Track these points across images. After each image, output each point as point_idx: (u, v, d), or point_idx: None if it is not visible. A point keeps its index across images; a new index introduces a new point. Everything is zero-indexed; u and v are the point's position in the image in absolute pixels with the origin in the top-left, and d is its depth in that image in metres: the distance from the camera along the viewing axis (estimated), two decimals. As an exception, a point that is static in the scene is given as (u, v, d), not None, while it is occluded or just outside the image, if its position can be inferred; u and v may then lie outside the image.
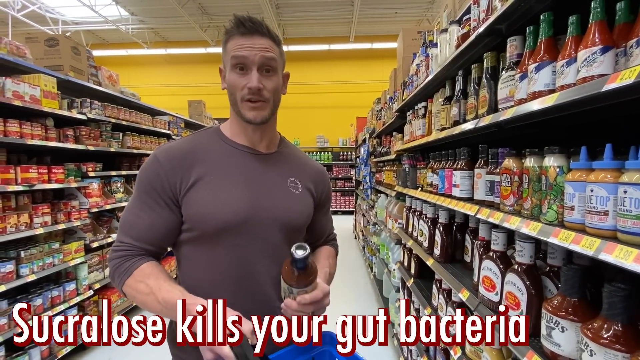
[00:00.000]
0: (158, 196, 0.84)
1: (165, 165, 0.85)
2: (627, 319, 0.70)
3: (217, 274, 0.87)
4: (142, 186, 0.86)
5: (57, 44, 2.90)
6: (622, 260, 0.61)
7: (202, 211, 0.84)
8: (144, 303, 0.80)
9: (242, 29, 0.83)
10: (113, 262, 0.84)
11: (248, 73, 0.84)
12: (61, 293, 2.67)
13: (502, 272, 1.14)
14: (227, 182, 0.87)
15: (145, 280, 0.80)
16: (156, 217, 0.84)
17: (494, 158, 1.23)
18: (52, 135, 2.66)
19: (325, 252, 1.09)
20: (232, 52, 0.84)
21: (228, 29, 0.86)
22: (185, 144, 0.90)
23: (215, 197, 0.85)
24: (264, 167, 0.93)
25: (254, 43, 0.83)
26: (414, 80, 2.30)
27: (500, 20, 1.13)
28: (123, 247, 0.84)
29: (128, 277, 0.81)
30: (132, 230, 0.85)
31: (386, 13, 8.98)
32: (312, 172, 1.04)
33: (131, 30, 9.25)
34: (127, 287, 0.82)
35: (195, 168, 0.86)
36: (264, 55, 0.84)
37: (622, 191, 0.65)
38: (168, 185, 0.84)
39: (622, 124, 1.00)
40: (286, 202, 0.93)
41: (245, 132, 0.93)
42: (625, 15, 0.75)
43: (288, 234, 0.94)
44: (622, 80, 0.61)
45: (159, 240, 0.86)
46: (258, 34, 0.84)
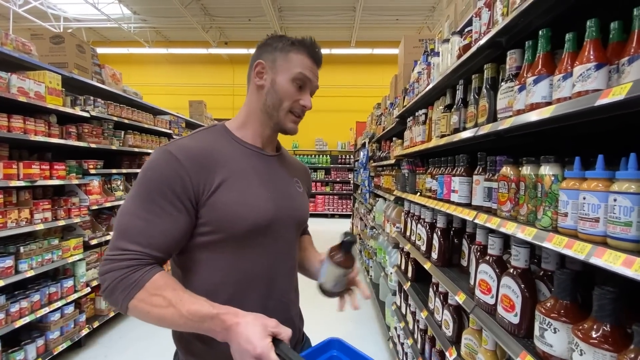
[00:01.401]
0: (176, 198, 0.77)
1: (186, 164, 0.78)
2: (615, 321, 0.74)
3: (242, 275, 0.86)
4: (153, 187, 0.77)
5: (62, 42, 2.93)
6: (611, 264, 0.65)
7: (230, 213, 0.81)
8: (161, 317, 0.73)
9: (314, 53, 0.92)
10: (114, 274, 0.73)
11: (304, 92, 0.93)
12: (59, 289, 2.68)
13: (497, 275, 1.18)
14: (250, 184, 0.87)
15: (161, 292, 0.72)
16: (172, 222, 0.77)
17: (492, 165, 1.27)
18: (55, 132, 2.68)
19: (309, 239, 1.21)
20: (302, 70, 0.90)
21: (298, 41, 0.91)
22: (201, 143, 0.85)
23: (242, 199, 0.83)
24: (275, 168, 0.97)
25: (316, 71, 0.94)
26: (415, 88, 2.36)
27: (501, 34, 1.18)
28: (127, 256, 0.74)
29: (138, 290, 0.72)
30: (140, 237, 0.75)
31: (387, 19, 9.09)
32: (304, 172, 1.13)
33: (133, 29, 9.27)
34: (138, 302, 0.72)
35: (218, 169, 0.83)
36: (317, 85, 0.96)
37: (612, 199, 0.69)
38: (191, 187, 0.78)
39: (613, 135, 1.05)
40: (297, 201, 0.99)
41: (262, 135, 0.95)
42: (618, 34, 0.80)
43: (298, 230, 1.01)
44: (613, 96, 0.66)
45: (172, 247, 0.80)
46: (319, 64, 0.96)
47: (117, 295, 0.73)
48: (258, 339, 0.67)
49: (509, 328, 1.07)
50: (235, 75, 11.25)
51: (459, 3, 1.99)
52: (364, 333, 3.31)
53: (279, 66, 0.89)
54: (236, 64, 11.22)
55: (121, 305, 0.74)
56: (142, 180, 0.79)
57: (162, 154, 0.80)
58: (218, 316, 0.71)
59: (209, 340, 0.78)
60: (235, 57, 11.02)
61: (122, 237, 0.76)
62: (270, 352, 0.66)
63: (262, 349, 0.66)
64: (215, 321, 0.71)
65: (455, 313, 1.60)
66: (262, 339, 0.67)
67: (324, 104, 10.81)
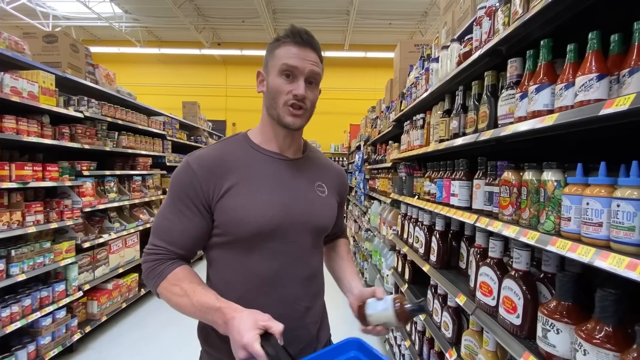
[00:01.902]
0: (191, 202, 0.87)
1: (198, 172, 0.87)
2: (617, 321, 0.77)
3: (249, 275, 0.90)
4: (175, 192, 0.89)
5: (55, 41, 2.88)
6: (616, 267, 0.68)
7: (236, 217, 0.86)
8: (178, 305, 0.84)
9: (297, 39, 0.87)
10: (147, 265, 0.88)
11: (294, 81, 0.88)
12: (50, 294, 2.62)
13: (499, 278, 1.21)
14: (258, 189, 0.90)
15: (180, 283, 0.84)
16: (188, 222, 0.87)
17: (492, 170, 1.30)
18: (48, 133, 2.63)
19: (345, 247, 1.19)
20: (285, 60, 0.87)
21: (281, 36, 0.90)
22: (217, 151, 0.93)
23: (248, 204, 0.87)
24: (292, 172, 0.96)
25: (306, 55, 0.88)
26: (413, 92, 2.39)
27: (502, 43, 1.22)
28: (156, 251, 0.87)
29: (162, 280, 0.85)
30: (165, 235, 0.88)
31: (380, 23, 9.18)
32: (335, 174, 1.09)
33: (124, 28, 9.15)
34: (162, 289, 0.85)
35: (228, 175, 0.89)
36: (313, 69, 0.88)
37: (616, 205, 0.72)
38: (201, 192, 0.86)
39: (610, 142, 1.09)
40: (314, 206, 0.97)
41: (276, 138, 0.96)
42: (618, 46, 0.84)
43: (316, 236, 0.99)
44: (617, 106, 0.69)
45: (191, 244, 0.90)
46: (310, 48, 0.89)
47: (149, 282, 0.88)
48: (246, 331, 0.72)
49: (510, 329, 1.10)
50: (228, 77, 11.19)
51: (457, 11, 2.04)
52: (360, 335, 3.32)
53: (269, 67, 0.92)
54: (229, 65, 11.16)
55: (154, 290, 0.88)
56: (169, 187, 0.93)
57: (183, 164, 0.91)
58: (220, 309, 0.78)
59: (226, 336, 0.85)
60: (228, 59, 10.96)
61: (154, 234, 0.90)
62: (254, 343, 0.70)
63: (248, 340, 0.70)
64: (218, 314, 0.78)
65: (454, 315, 1.63)
66: (249, 330, 0.72)
67: (317, 106, 10.83)
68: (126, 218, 3.78)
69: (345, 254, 1.16)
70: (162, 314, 3.69)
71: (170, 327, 3.38)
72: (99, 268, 3.20)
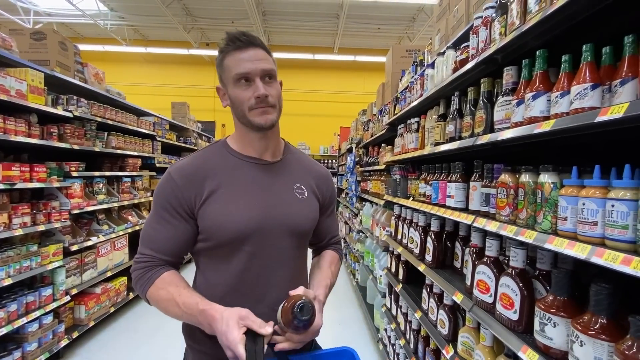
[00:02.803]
0: (174, 211, 0.91)
1: (179, 182, 0.91)
2: (611, 313, 0.82)
3: (231, 279, 0.93)
4: (159, 202, 0.93)
5: (43, 38, 2.81)
6: (611, 263, 0.74)
7: (216, 223, 0.90)
8: (166, 309, 0.88)
9: (238, 44, 0.88)
10: (136, 273, 0.91)
11: (251, 84, 0.89)
12: (37, 298, 2.54)
13: (495, 276, 1.26)
14: (237, 194, 0.92)
15: (167, 287, 0.88)
16: (173, 230, 0.91)
17: (489, 173, 1.36)
18: (36, 132, 2.56)
19: (328, 257, 1.14)
20: (234, 69, 0.88)
21: (222, 47, 0.91)
22: (197, 160, 0.96)
23: (226, 209, 0.90)
24: (270, 176, 0.98)
25: (251, 55, 0.88)
26: (407, 97, 2.45)
27: (498, 52, 1.28)
28: (144, 259, 0.91)
29: (150, 285, 0.89)
30: (151, 243, 0.92)
31: (370, 28, 9.32)
32: (317, 175, 1.08)
33: (109, 26, 8.94)
34: (150, 295, 0.89)
35: (207, 182, 0.92)
36: (264, 66, 0.89)
37: (610, 205, 0.78)
38: (184, 200, 0.90)
39: (597, 147, 1.17)
40: (293, 209, 0.98)
41: (252, 143, 0.97)
42: (609, 59, 0.90)
43: (296, 238, 1.00)
44: (612, 113, 0.75)
45: (177, 251, 0.94)
46: (253, 46, 0.89)
47: (139, 289, 0.91)
48: (228, 331, 0.76)
49: (508, 324, 1.15)
50: (216, 78, 11.04)
51: (450, 19, 2.11)
52: (352, 335, 3.35)
53: (224, 80, 0.94)
54: (218, 66, 11.06)
55: (143, 297, 0.91)
56: (154, 197, 0.96)
57: (165, 175, 0.95)
58: (203, 311, 0.82)
59: None
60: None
61: (141, 243, 0.94)
62: (237, 344, 0.73)
63: (231, 341, 0.74)
64: (202, 316, 0.82)
65: (450, 312, 1.68)
66: (231, 331, 0.75)
67: (306, 109, 10.88)
68: (115, 220, 3.70)
69: (325, 264, 1.10)
70: (151, 319, 3.62)
71: (159, 332, 3.32)
72: (87, 272, 3.12)
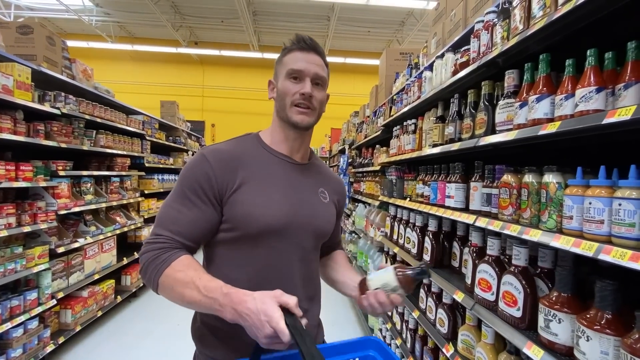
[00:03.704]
0: (204, 194, 0.87)
1: (214, 165, 0.88)
2: (616, 309, 0.85)
3: (254, 274, 0.91)
4: (187, 183, 0.88)
5: (30, 32, 2.71)
6: (620, 260, 0.76)
7: (246, 212, 0.88)
8: (181, 294, 0.79)
9: (302, 44, 0.93)
10: (149, 254, 0.83)
11: (301, 82, 0.93)
12: (21, 302, 2.44)
13: (497, 274, 1.29)
14: (269, 187, 0.92)
15: (185, 270, 0.81)
16: (199, 213, 0.87)
17: (490, 173, 1.39)
18: (21, 129, 2.46)
19: (343, 257, 1.20)
20: (290, 65, 0.93)
21: (288, 45, 0.96)
22: (231, 147, 0.95)
23: (259, 200, 0.89)
24: (300, 176, 1.00)
25: (310, 59, 0.93)
26: (404, 99, 2.48)
27: (500, 55, 1.31)
28: (161, 240, 0.84)
29: (167, 267, 0.81)
30: (172, 225, 0.86)
31: (359, 31, 9.40)
32: (336, 184, 1.13)
33: (95, 22, 8.70)
34: (165, 277, 0.81)
35: (241, 171, 0.91)
36: (318, 72, 0.94)
37: (617, 204, 0.81)
38: (216, 184, 0.87)
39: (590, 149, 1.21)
40: (319, 211, 1.00)
41: (287, 140, 0.99)
42: (612, 63, 0.94)
43: (317, 240, 1.02)
44: (619, 116, 0.77)
45: (198, 236, 0.89)
46: (314, 52, 0.95)
47: (150, 272, 0.82)
48: (268, 308, 0.69)
49: (511, 322, 1.18)
50: (205, 77, 10.95)
51: (447, 22, 2.15)
52: (347, 336, 3.35)
53: (278, 74, 0.97)
54: (206, 65, 10.93)
55: (153, 280, 0.82)
56: (180, 178, 0.91)
57: (197, 156, 0.92)
58: (229, 294, 0.75)
59: (222, 336, 0.88)
60: (205, 58, 10.73)
61: (158, 224, 0.87)
62: (279, 320, 0.68)
63: (272, 316, 0.68)
64: (226, 299, 0.74)
65: (450, 311, 1.70)
66: (271, 307, 0.70)
67: (296, 110, 10.84)
68: (102, 221, 3.59)
69: (344, 262, 1.16)
70: (141, 323, 3.53)
71: (149, 336, 3.24)
72: (74, 274, 3.01)
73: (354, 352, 0.89)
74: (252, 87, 10.41)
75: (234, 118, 10.61)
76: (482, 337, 1.38)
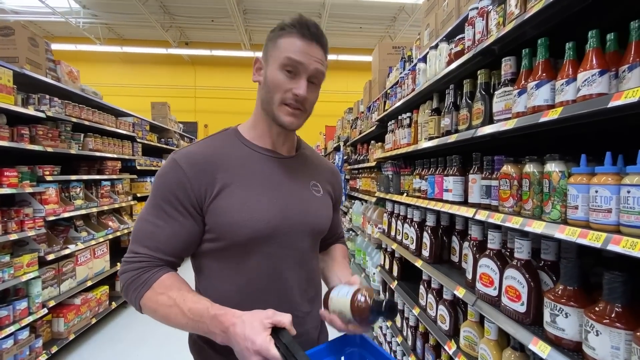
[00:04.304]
0: (180, 204, 0.79)
1: (187, 171, 0.79)
2: (626, 301, 0.81)
3: (245, 283, 0.84)
4: (160, 194, 0.80)
5: (12, 34, 2.62)
6: (630, 250, 0.72)
7: (231, 221, 0.79)
8: (166, 316, 0.75)
9: (305, 31, 0.80)
10: (127, 275, 0.78)
11: (296, 78, 0.81)
12: (10, 313, 2.37)
13: (499, 268, 1.25)
14: (254, 189, 0.84)
15: (167, 292, 0.75)
16: (178, 226, 0.79)
17: (489, 164, 1.35)
18: (5, 134, 2.38)
19: (341, 252, 1.13)
20: (288, 53, 0.79)
21: (287, 24, 0.81)
22: (206, 148, 0.85)
23: (244, 206, 0.81)
24: (287, 171, 0.91)
25: (312, 52, 0.81)
26: (398, 92, 2.44)
27: (496, 42, 1.27)
28: (139, 259, 0.78)
29: (147, 289, 0.76)
30: (149, 241, 0.79)
31: (351, 27, 9.35)
32: (328, 173, 1.05)
33: (82, 24, 8.56)
34: (147, 300, 0.76)
35: (220, 174, 0.82)
36: (318, 68, 0.82)
37: (626, 191, 0.77)
38: (192, 192, 0.79)
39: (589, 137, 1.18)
40: (312, 207, 0.92)
41: (270, 134, 0.90)
42: (614, 45, 0.90)
43: (314, 238, 0.95)
44: (626, 98, 0.73)
45: (180, 250, 0.82)
46: (318, 44, 0.82)
47: (130, 294, 0.78)
48: (255, 334, 0.65)
49: (515, 317, 1.14)
50: (197, 77, 10.83)
51: (440, 13, 2.11)
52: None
53: (269, 57, 0.83)
54: (198, 66, 10.81)
55: (135, 303, 0.78)
56: (153, 187, 0.83)
57: (168, 162, 0.82)
58: (216, 317, 0.70)
59: (221, 349, 0.80)
60: (196, 59, 10.61)
61: (134, 241, 0.80)
62: (269, 346, 0.64)
63: (261, 344, 0.64)
64: (214, 322, 0.70)
65: (451, 307, 1.67)
66: (259, 333, 0.65)
67: (290, 108, 10.78)
68: (94, 226, 3.51)
69: (340, 257, 1.09)
70: (136, 329, 3.46)
71: (144, 343, 3.18)
72: (65, 282, 2.94)
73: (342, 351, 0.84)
74: (245, 87, 10.31)
75: (227, 118, 10.50)
76: (485, 334, 1.34)
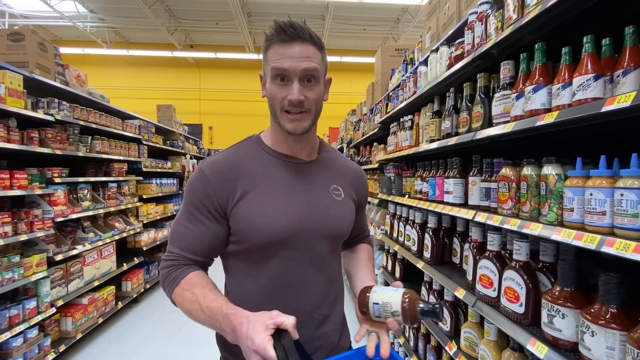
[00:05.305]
0: (205, 209, 0.86)
1: (211, 179, 0.86)
2: (620, 302, 0.83)
3: (266, 284, 0.88)
4: (189, 200, 0.88)
5: (22, 39, 2.68)
6: (623, 252, 0.74)
7: (250, 225, 0.84)
8: (190, 311, 0.82)
9: (282, 36, 0.80)
10: (163, 272, 0.88)
11: (289, 84, 0.82)
12: (20, 312, 2.42)
13: (499, 270, 1.26)
14: (273, 195, 0.87)
15: (192, 288, 0.82)
16: (204, 229, 0.86)
17: (488, 167, 1.37)
18: (15, 137, 2.43)
19: (365, 254, 1.12)
20: (273, 63, 0.81)
21: (268, 35, 0.83)
22: (230, 156, 0.90)
23: (262, 211, 0.84)
24: (307, 176, 0.92)
25: (294, 52, 0.80)
26: (400, 95, 2.45)
27: (495, 46, 1.29)
28: (172, 257, 0.87)
29: (176, 285, 0.84)
30: (180, 242, 0.87)
31: (355, 29, 9.37)
32: (352, 175, 1.03)
33: (89, 28, 8.69)
34: (175, 295, 0.85)
35: (241, 181, 0.86)
36: (306, 67, 0.80)
37: (619, 194, 0.78)
38: (216, 198, 0.85)
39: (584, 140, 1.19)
40: (331, 211, 0.92)
41: (287, 141, 0.91)
42: (610, 50, 0.91)
43: (333, 242, 0.95)
44: (619, 103, 0.75)
45: (207, 251, 0.89)
46: (299, 41, 0.80)
47: (165, 289, 0.87)
48: (256, 334, 0.68)
49: (514, 318, 1.15)
50: (202, 80, 10.92)
51: (441, 16, 2.12)
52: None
53: (265, 71, 0.87)
54: (203, 68, 10.91)
55: (169, 297, 0.87)
56: (184, 195, 0.93)
57: (196, 171, 0.91)
58: (227, 316, 0.74)
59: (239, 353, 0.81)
60: (201, 61, 10.71)
61: (170, 241, 0.90)
62: (266, 346, 0.66)
63: (259, 344, 0.66)
64: (225, 320, 0.74)
65: (452, 308, 1.68)
66: (259, 333, 0.68)
67: (294, 110, 10.82)
68: (101, 227, 3.56)
69: (364, 257, 1.09)
70: (142, 329, 3.51)
71: (151, 343, 3.22)
72: (73, 282, 2.99)
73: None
74: (249, 89, 10.38)
75: (232, 120, 10.59)
76: (485, 334, 1.35)
